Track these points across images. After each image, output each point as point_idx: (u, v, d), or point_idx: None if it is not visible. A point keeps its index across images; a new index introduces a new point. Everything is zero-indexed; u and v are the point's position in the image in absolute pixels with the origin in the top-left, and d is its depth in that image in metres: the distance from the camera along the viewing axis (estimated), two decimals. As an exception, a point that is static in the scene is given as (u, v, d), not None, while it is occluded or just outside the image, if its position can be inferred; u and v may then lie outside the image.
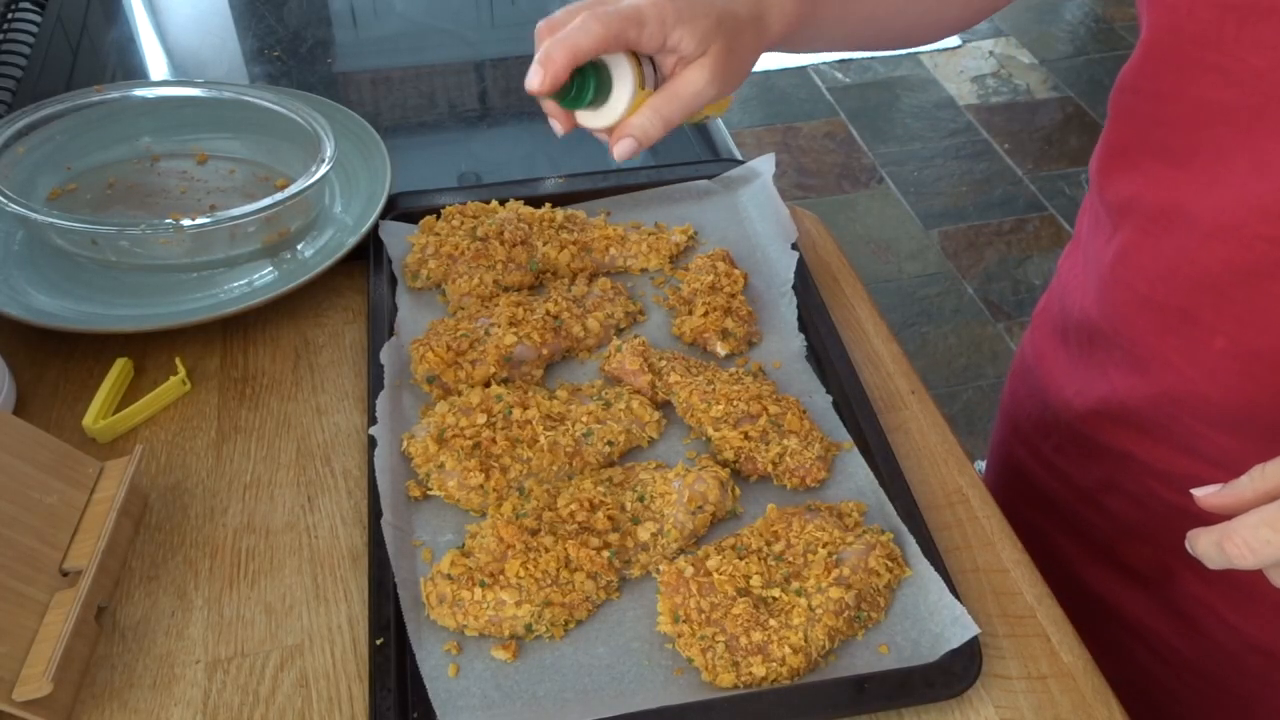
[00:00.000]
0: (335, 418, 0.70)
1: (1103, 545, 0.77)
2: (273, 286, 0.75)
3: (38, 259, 0.78)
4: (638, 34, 0.57)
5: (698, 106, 0.60)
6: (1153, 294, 0.63)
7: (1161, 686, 0.76)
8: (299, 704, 0.55)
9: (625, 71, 0.59)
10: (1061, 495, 0.79)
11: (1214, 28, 0.53)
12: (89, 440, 0.68)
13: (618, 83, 0.59)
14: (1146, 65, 0.60)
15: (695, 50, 0.59)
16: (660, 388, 0.69)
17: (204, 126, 0.89)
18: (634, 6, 0.57)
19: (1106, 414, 0.71)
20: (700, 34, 0.58)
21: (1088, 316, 0.71)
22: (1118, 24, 3.22)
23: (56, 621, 0.54)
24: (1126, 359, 0.67)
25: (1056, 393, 0.76)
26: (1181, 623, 0.72)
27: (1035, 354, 0.80)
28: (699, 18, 0.58)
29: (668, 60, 0.60)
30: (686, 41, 0.58)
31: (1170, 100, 0.58)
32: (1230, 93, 0.54)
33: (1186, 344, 0.62)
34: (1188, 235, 0.59)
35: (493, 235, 0.77)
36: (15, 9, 1.11)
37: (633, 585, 0.60)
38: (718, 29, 0.59)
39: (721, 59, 0.59)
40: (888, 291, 2.33)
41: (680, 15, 0.57)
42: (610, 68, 0.59)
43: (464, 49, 1.22)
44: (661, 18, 0.57)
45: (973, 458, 0.69)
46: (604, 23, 0.56)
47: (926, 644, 0.56)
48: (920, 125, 2.84)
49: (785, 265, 0.78)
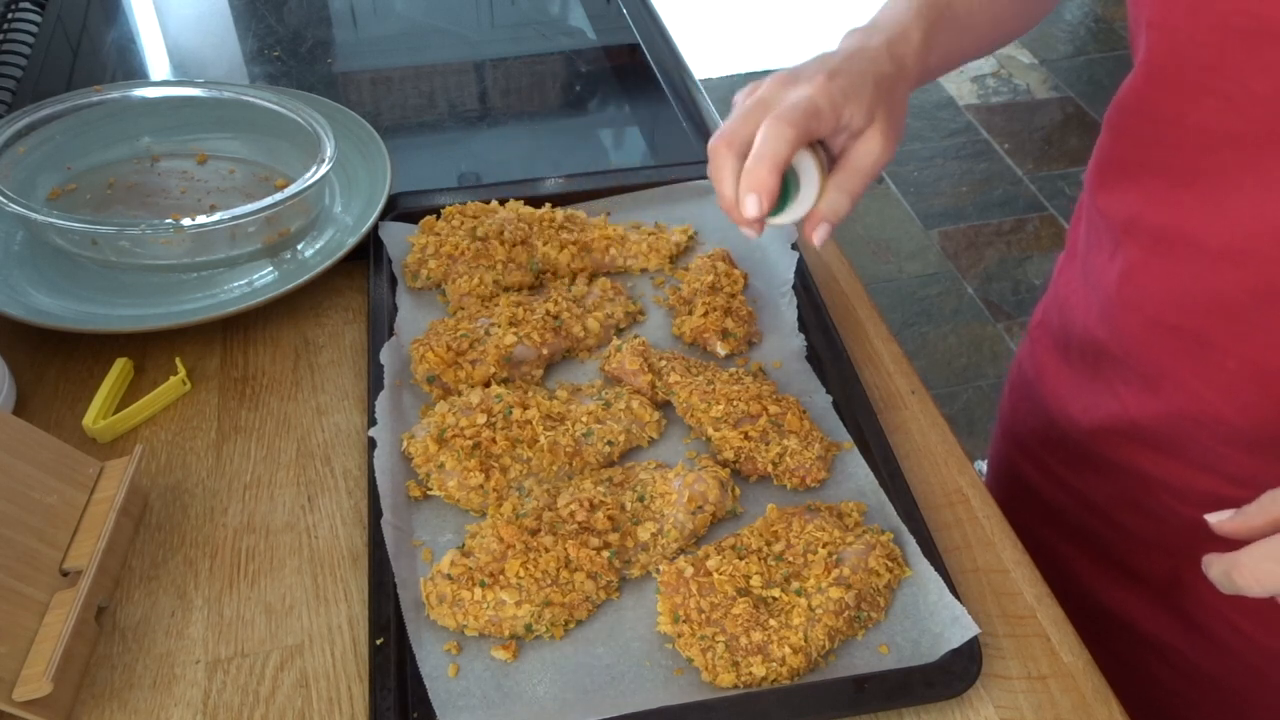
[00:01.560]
0: (335, 418, 0.70)
1: (1113, 557, 0.76)
2: (273, 286, 0.75)
3: (38, 259, 0.78)
4: (818, 125, 0.57)
5: (878, 173, 0.61)
6: (1162, 317, 0.62)
7: (1177, 698, 0.75)
8: (299, 704, 0.55)
9: (809, 164, 0.59)
10: (1069, 508, 0.79)
11: (1215, 52, 0.52)
12: (89, 440, 0.68)
13: (804, 178, 0.59)
14: (1145, 88, 0.59)
15: (865, 122, 0.59)
16: (660, 388, 0.69)
17: (204, 126, 0.89)
18: (808, 100, 0.57)
19: (1117, 432, 0.70)
20: (866, 105, 0.58)
21: (1092, 335, 0.70)
22: (1118, 24, 3.22)
23: (56, 621, 0.54)
24: (1137, 379, 0.66)
25: (1061, 409, 0.75)
26: (1198, 634, 0.72)
27: (1035, 369, 0.79)
28: (860, 90, 0.58)
29: (838, 139, 0.60)
30: (856, 117, 0.58)
31: (1171, 123, 0.57)
32: (1233, 118, 0.53)
33: (1200, 365, 0.61)
34: (1195, 258, 0.58)
35: (493, 235, 0.77)
36: (15, 9, 1.11)
37: (633, 585, 0.60)
38: (878, 96, 0.59)
39: (887, 122, 0.59)
40: (888, 291, 2.33)
41: (846, 94, 0.57)
42: (794, 165, 0.59)
43: (464, 49, 1.22)
44: (833, 103, 0.57)
45: (973, 458, 0.69)
46: (793, 125, 0.55)
47: (926, 644, 0.56)
48: (920, 125, 2.84)
49: (785, 265, 0.78)
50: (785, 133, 0.55)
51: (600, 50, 1.21)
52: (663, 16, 1.21)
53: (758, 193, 0.56)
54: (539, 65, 1.20)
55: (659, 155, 1.02)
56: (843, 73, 0.58)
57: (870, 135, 0.59)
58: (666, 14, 1.22)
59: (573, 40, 1.23)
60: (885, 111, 0.59)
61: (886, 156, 0.60)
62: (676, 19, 1.30)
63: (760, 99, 0.59)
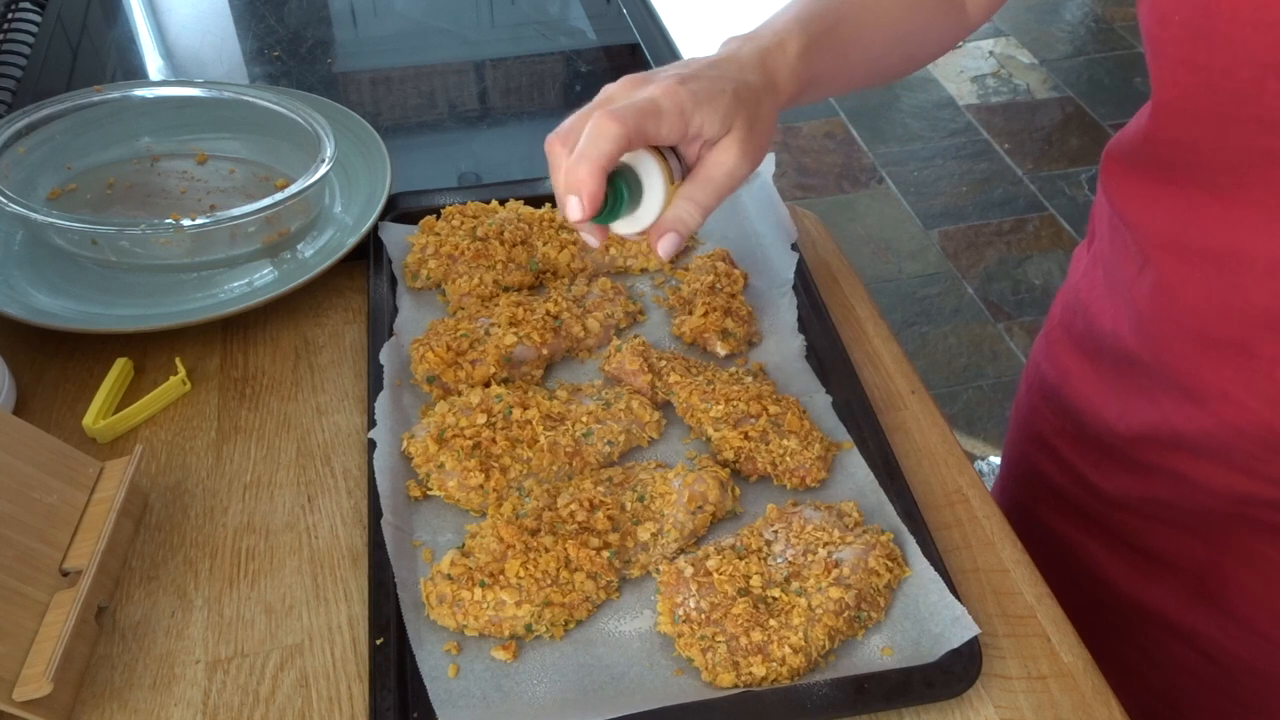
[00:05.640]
0: (335, 418, 0.70)
1: (1140, 547, 0.75)
2: (273, 286, 0.75)
3: (38, 259, 0.78)
4: (657, 127, 0.53)
5: (734, 187, 0.57)
6: (1204, 330, 0.61)
7: (1205, 685, 0.75)
8: (299, 704, 0.55)
9: (653, 169, 0.55)
10: (1093, 503, 0.77)
11: (1253, 85, 0.51)
12: (89, 440, 0.68)
13: (647, 183, 0.56)
14: (1176, 120, 0.57)
15: (719, 131, 0.55)
16: (660, 388, 0.69)
17: (204, 126, 0.89)
18: (648, 99, 0.53)
19: (1158, 439, 0.68)
20: (721, 113, 0.55)
21: (1124, 345, 0.68)
22: (1118, 24, 3.22)
23: (56, 621, 0.54)
24: (1178, 390, 0.65)
25: (1093, 414, 0.74)
26: (1228, 619, 0.71)
27: (1058, 371, 0.78)
28: (716, 96, 0.55)
29: (692, 147, 0.57)
30: (710, 124, 0.55)
31: (1212, 147, 0.56)
32: (1278, 140, 0.52)
33: (1245, 376, 0.60)
34: (1244, 273, 0.57)
35: (493, 235, 0.77)
36: (15, 9, 1.11)
37: (633, 585, 0.60)
38: (737, 104, 0.56)
39: (746, 133, 0.56)
40: (888, 291, 2.33)
41: (697, 99, 0.54)
42: (635, 168, 0.56)
43: (464, 49, 1.22)
44: (679, 106, 0.53)
45: (973, 458, 0.69)
46: (621, 121, 0.52)
47: (926, 644, 0.56)
48: (920, 125, 2.84)
49: (785, 265, 0.78)
50: (610, 130, 0.51)
51: (600, 50, 1.21)
52: (663, 16, 1.21)
53: (576, 193, 0.52)
54: (539, 65, 1.20)
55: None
56: (699, 78, 0.55)
57: (725, 145, 0.56)
58: (666, 14, 1.22)
59: (573, 40, 1.23)
60: (744, 123, 0.56)
61: (742, 170, 0.57)
62: (676, 19, 1.30)
63: (606, 96, 0.56)
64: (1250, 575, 0.69)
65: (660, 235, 0.57)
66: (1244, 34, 0.50)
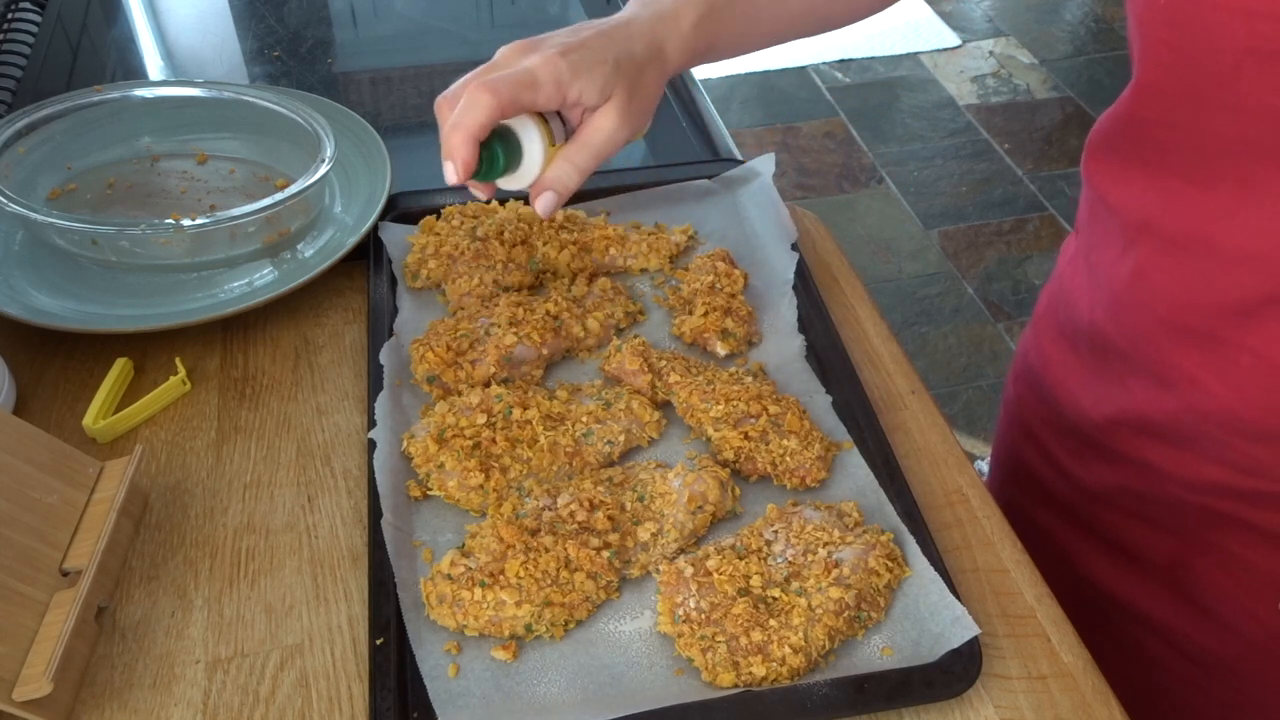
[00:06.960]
0: (335, 418, 0.70)
1: (1117, 542, 0.76)
2: (273, 286, 0.75)
3: (38, 259, 0.78)
4: (533, 96, 0.58)
5: (613, 151, 0.62)
6: (1175, 317, 0.62)
7: (1183, 684, 0.75)
8: (299, 704, 0.55)
9: (532, 133, 0.60)
10: (1073, 496, 0.79)
11: (1230, 70, 0.52)
12: (89, 440, 0.68)
13: (526, 146, 0.60)
14: (1155, 100, 0.59)
15: (598, 99, 0.60)
16: (660, 388, 0.69)
17: (204, 126, 0.89)
18: (525, 70, 0.57)
19: (1128, 425, 0.70)
20: (600, 83, 0.59)
21: (1100, 331, 0.70)
22: (1118, 24, 3.22)
23: (56, 621, 0.54)
24: (1147, 374, 0.67)
25: (1071, 401, 0.75)
26: (1204, 618, 0.72)
27: (1041, 358, 0.79)
28: (595, 66, 0.59)
29: (574, 112, 0.61)
30: (588, 93, 0.59)
31: (1188, 131, 0.57)
32: (1251, 128, 0.53)
33: (1213, 362, 0.61)
34: (1213, 260, 0.58)
35: (493, 235, 0.77)
36: (15, 9, 1.11)
37: (633, 585, 0.60)
38: (617, 74, 0.59)
39: (625, 102, 0.60)
40: (888, 291, 2.33)
41: (575, 69, 0.58)
42: (517, 131, 0.60)
43: (464, 49, 1.22)
44: (556, 76, 0.58)
45: (973, 458, 0.69)
46: (493, 92, 0.56)
47: (926, 644, 0.56)
48: (920, 125, 2.84)
49: (785, 265, 0.78)
50: (483, 100, 0.56)
51: (600, 50, 1.21)
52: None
53: (451, 160, 0.57)
54: (539, 65, 1.20)
55: (658, 155, 1.02)
56: (584, 47, 0.59)
57: (604, 112, 0.60)
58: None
59: (573, 40, 1.22)
60: (624, 91, 0.60)
61: (620, 135, 0.61)
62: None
63: (491, 63, 0.60)
64: (1221, 574, 0.69)
65: (539, 194, 0.62)
66: (1225, 18, 0.51)
